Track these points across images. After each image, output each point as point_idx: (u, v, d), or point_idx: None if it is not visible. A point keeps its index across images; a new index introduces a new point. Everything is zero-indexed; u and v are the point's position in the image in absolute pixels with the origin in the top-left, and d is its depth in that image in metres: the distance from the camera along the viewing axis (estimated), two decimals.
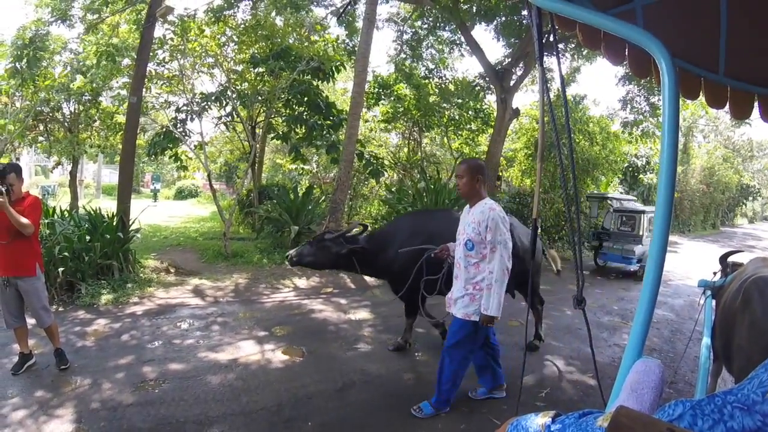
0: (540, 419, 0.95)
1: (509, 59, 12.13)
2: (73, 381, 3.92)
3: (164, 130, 10.91)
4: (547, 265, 5.48)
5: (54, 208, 7.48)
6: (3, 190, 3.65)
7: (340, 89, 17.47)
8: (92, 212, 7.34)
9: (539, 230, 3.54)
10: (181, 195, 28.92)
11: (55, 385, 3.82)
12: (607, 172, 13.03)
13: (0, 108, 9.39)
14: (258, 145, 11.56)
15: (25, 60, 9.57)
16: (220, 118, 11.62)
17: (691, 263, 12.78)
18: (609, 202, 11.07)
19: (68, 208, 8.97)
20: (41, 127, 11.51)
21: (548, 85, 2.32)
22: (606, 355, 4.88)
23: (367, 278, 7.91)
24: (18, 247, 3.84)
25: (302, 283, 7.72)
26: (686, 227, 26.41)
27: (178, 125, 10.88)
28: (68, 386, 3.84)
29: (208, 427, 3.32)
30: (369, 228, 5.02)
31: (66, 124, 11.59)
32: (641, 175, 18.98)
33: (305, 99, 10.80)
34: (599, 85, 59.64)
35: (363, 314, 6.04)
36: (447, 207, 9.58)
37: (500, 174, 13.84)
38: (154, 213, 15.37)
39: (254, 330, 5.36)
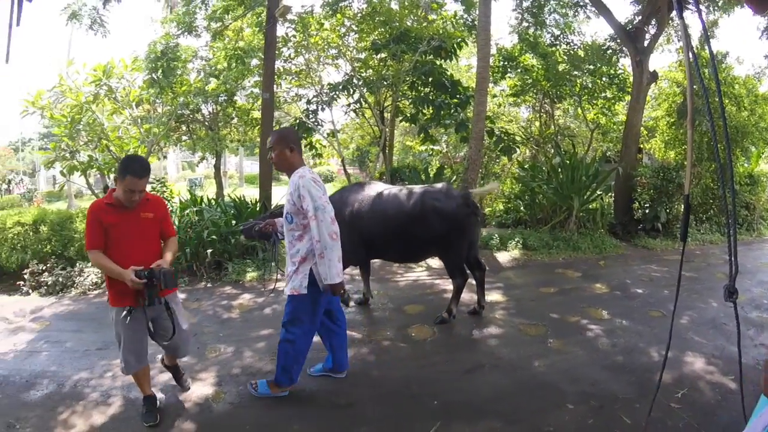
0: None
1: (639, 17, 10.85)
2: (218, 348, 4.32)
3: (298, 121, 11.53)
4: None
5: (202, 197, 8.36)
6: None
7: (464, 66, 17.07)
8: (236, 199, 8.08)
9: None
10: None
11: (200, 352, 4.27)
12: (758, 141, 11.07)
13: (143, 114, 10.52)
14: (387, 129, 11.74)
15: (160, 71, 10.55)
16: (348, 105, 11.91)
17: None
18: None
19: (215, 197, 9.96)
20: (184, 128, 12.71)
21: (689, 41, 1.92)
22: (750, 356, 4.19)
23: (500, 259, 7.68)
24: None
25: (436, 263, 7.63)
26: None
27: (310, 116, 11.42)
28: (213, 353, 4.24)
29: (337, 395, 3.49)
30: None
31: (206, 123, 12.75)
32: None
33: (430, 79, 10.71)
34: (740, 41, 51.02)
35: (495, 296, 5.87)
36: (584, 183, 8.89)
37: (641, 146, 12.47)
38: None
39: (387, 307, 5.50)
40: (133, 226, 3.06)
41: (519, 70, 12.59)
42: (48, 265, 6.70)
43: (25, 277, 6.57)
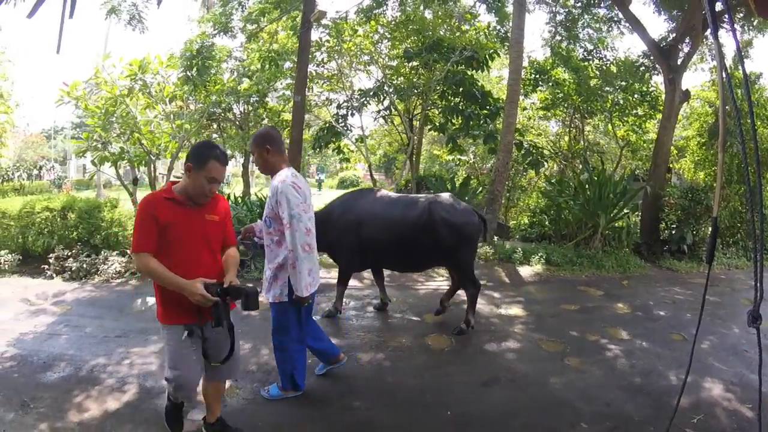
0: None
1: (674, 34, 10.67)
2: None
3: (327, 125, 11.67)
4: None
5: (229, 195, 8.44)
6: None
7: (495, 77, 17.09)
8: (263, 199, 8.17)
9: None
10: (344, 185, 31.08)
11: None
12: None
13: (176, 110, 10.70)
14: (415, 137, 11.78)
15: (194, 69, 10.84)
16: (378, 112, 12.03)
17: None
18: None
19: (241, 195, 10.07)
20: (215, 126, 13.03)
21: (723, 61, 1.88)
22: None
23: (522, 273, 7.62)
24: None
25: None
26: None
27: (340, 120, 11.52)
28: None
29: (351, 399, 3.48)
30: None
31: (237, 122, 12.98)
32: None
33: (460, 89, 10.72)
34: None
35: (515, 310, 5.81)
36: (611, 201, 8.74)
37: (671, 166, 12.20)
38: (319, 200, 16.45)
39: (406, 315, 5.48)
40: (196, 229, 2.48)
41: (550, 84, 12.52)
42: (73, 251, 6.82)
43: (50, 261, 6.69)
